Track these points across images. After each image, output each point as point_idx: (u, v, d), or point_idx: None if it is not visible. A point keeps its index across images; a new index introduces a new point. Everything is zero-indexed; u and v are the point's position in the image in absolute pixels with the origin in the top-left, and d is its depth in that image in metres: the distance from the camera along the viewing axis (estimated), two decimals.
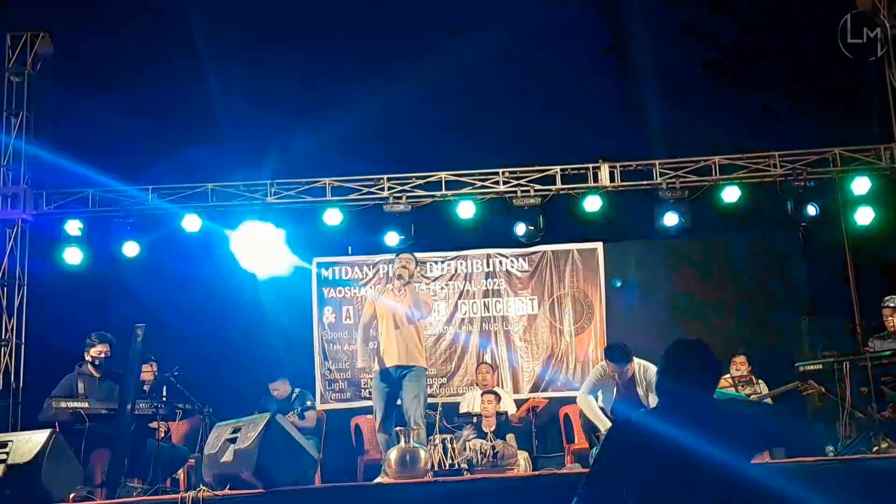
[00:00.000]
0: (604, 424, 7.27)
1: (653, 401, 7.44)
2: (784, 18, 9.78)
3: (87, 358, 7.43)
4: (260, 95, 10.40)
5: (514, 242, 10.32)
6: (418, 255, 10.53)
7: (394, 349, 7.37)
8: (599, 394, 7.74)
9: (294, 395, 9.08)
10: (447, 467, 6.53)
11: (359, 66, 10.63)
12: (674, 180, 9.94)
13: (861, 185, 9.79)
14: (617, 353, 7.48)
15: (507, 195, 10.07)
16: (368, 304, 7.99)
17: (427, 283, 10.66)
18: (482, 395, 8.98)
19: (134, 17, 10.15)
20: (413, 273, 7.70)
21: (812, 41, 9.54)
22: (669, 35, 10.37)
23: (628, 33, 10.39)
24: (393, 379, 7.36)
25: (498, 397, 8.91)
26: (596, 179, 10.08)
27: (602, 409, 7.58)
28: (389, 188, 10.08)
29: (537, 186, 10.07)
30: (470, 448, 6.64)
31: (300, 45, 10.42)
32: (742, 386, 8.64)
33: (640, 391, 7.51)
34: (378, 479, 6.98)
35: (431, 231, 10.35)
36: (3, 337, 9.57)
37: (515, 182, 10.09)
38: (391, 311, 7.49)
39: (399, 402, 7.51)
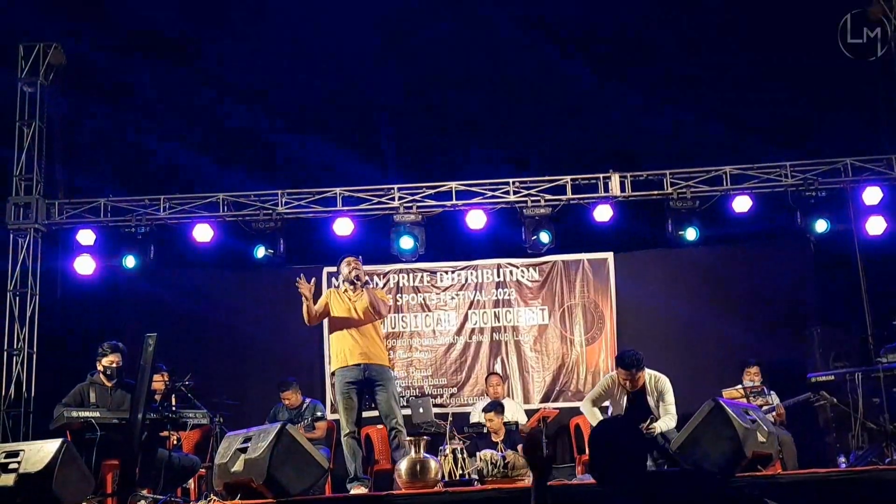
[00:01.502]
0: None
1: (663, 411, 7.42)
2: (794, 26, 9.76)
3: (99, 367, 7.45)
4: (270, 104, 10.44)
5: (525, 252, 10.32)
6: (429, 264, 10.62)
7: (357, 348, 7.25)
8: (607, 404, 7.72)
9: (305, 405, 9.09)
10: (458, 477, 6.51)
11: (366, 72, 10.66)
12: (684, 190, 9.93)
13: (872, 194, 9.78)
14: (629, 359, 7.44)
15: (517, 205, 10.08)
16: (323, 299, 7.54)
17: (437, 293, 10.67)
18: (483, 412, 8.89)
19: (145, 28, 10.20)
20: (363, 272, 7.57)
21: (823, 49, 9.52)
22: (679, 43, 10.37)
23: (635, 42, 10.41)
24: (358, 377, 7.24)
25: (500, 409, 8.85)
26: (606, 189, 10.08)
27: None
28: (400, 198, 10.10)
29: (548, 196, 10.07)
30: (480, 458, 6.61)
31: (305, 53, 10.47)
32: (754, 397, 8.61)
33: (651, 401, 7.48)
34: (354, 490, 6.95)
35: (442, 241, 10.37)
36: (15, 346, 9.60)
37: (526, 192, 10.09)
38: (349, 312, 7.39)
39: (374, 406, 7.42)
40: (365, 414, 8.47)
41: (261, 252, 9.93)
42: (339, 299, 7.40)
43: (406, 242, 9.87)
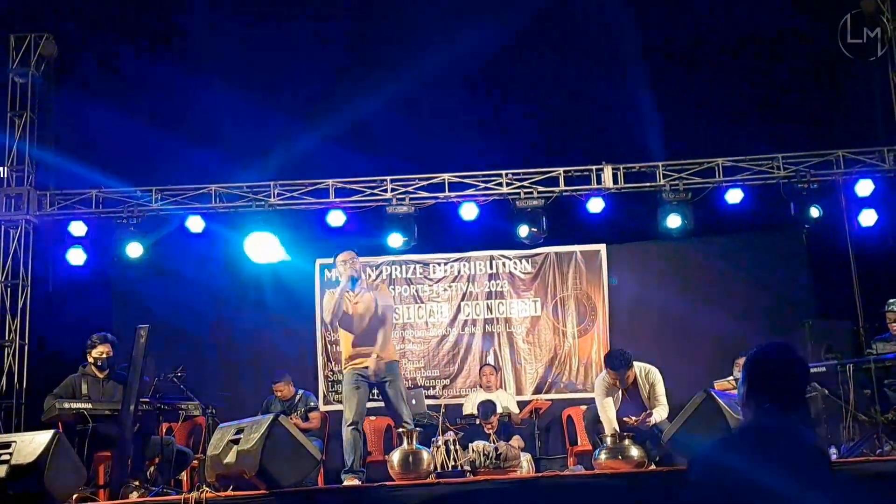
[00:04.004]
0: (611, 428, 7.23)
1: (654, 402, 7.44)
2: (787, 19, 9.76)
3: (90, 359, 7.43)
4: (263, 96, 10.41)
5: (518, 244, 10.32)
6: (421, 256, 10.61)
7: (365, 349, 7.24)
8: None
9: (297, 397, 9.09)
10: (450, 469, 6.52)
11: (361, 66, 10.63)
12: (677, 182, 9.95)
13: (865, 187, 9.79)
14: (616, 359, 7.45)
15: (510, 197, 10.07)
16: (333, 300, 7.40)
17: (430, 285, 10.67)
18: (482, 420, 8.79)
19: (137, 18, 10.16)
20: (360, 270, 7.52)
21: (816, 41, 9.53)
22: (670, 36, 10.36)
23: (627, 35, 10.39)
24: (368, 375, 7.26)
25: (494, 409, 8.80)
26: (599, 181, 10.08)
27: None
28: (393, 190, 10.09)
29: (540, 188, 10.07)
30: (473, 449, 6.62)
31: (300, 43, 10.44)
32: None
33: (644, 395, 7.50)
34: (347, 482, 6.92)
35: (434, 233, 10.36)
36: (6, 338, 9.59)
37: (519, 184, 10.09)
38: (352, 312, 7.37)
39: (381, 399, 7.42)
40: None
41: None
42: (344, 299, 7.37)
43: (394, 240, 9.85)
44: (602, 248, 10.70)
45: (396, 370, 7.33)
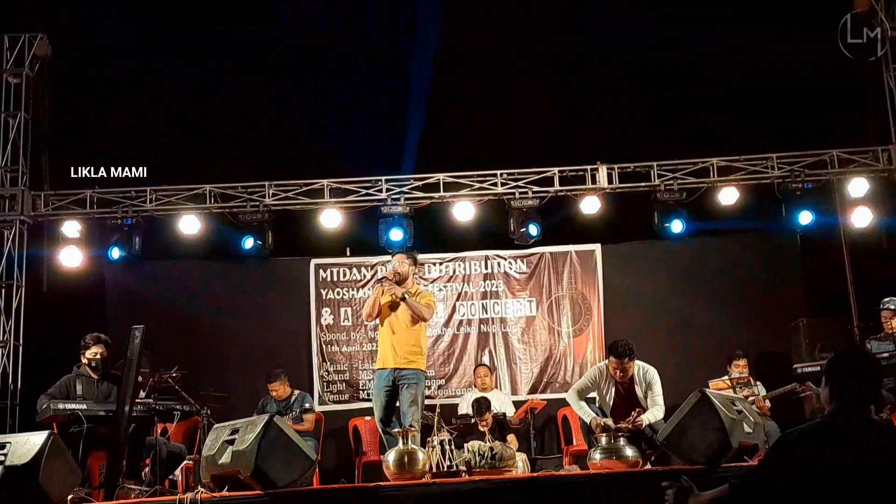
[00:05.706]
0: (588, 416, 7.26)
1: (650, 402, 7.44)
2: (782, 18, 9.78)
3: (84, 360, 7.41)
4: (258, 94, 10.41)
5: (513, 244, 10.31)
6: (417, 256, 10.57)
7: (390, 352, 7.31)
8: (595, 395, 7.71)
9: (293, 397, 9.08)
10: (445, 469, 6.51)
11: (357, 65, 10.65)
12: (672, 182, 9.95)
13: (858, 186, 9.81)
14: (622, 348, 7.45)
15: (505, 197, 10.07)
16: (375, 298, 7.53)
17: (425, 285, 10.65)
18: (476, 418, 8.80)
19: (130, 18, 10.16)
20: (407, 274, 7.60)
21: (810, 41, 9.54)
22: (663, 33, 10.38)
23: (622, 35, 10.41)
24: (390, 381, 7.31)
25: (488, 406, 8.80)
26: (594, 181, 10.08)
27: (600, 409, 7.54)
28: (388, 190, 10.08)
29: (535, 188, 10.07)
30: (468, 449, 6.61)
31: (295, 41, 10.45)
32: (741, 388, 8.65)
33: (639, 391, 7.50)
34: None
35: (430, 233, 10.36)
36: (1, 338, 9.56)
37: (514, 184, 10.09)
38: (387, 310, 7.41)
39: (398, 404, 7.48)
40: (354, 406, 8.50)
41: (248, 243, 9.92)
42: (384, 297, 7.42)
43: (395, 234, 9.85)
44: (597, 247, 10.70)
45: (416, 378, 7.35)
